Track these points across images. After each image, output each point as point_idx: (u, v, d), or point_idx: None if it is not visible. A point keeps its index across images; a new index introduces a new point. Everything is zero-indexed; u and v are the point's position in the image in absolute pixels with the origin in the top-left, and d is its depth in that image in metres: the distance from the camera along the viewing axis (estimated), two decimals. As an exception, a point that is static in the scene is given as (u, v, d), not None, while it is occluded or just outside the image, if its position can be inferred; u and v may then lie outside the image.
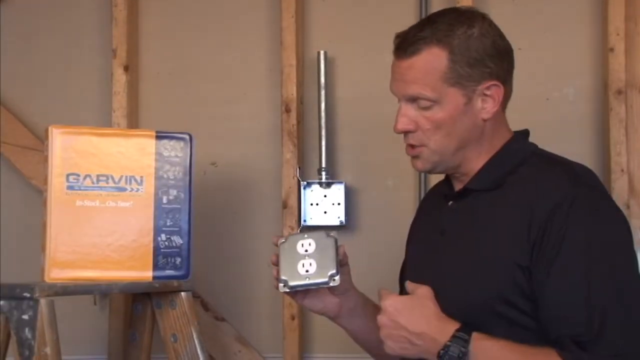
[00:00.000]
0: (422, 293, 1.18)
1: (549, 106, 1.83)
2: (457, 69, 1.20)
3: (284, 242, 1.26)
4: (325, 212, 1.85)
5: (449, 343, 1.12)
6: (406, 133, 1.25)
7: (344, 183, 1.86)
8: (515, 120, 1.30)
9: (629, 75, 1.76)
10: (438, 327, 1.14)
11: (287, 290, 1.23)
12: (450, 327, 1.14)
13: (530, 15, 1.85)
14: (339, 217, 1.86)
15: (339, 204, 1.85)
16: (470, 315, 1.17)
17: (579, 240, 1.13)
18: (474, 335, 1.13)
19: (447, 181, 1.33)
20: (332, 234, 1.26)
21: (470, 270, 1.20)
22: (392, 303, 1.17)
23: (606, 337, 1.09)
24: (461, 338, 1.13)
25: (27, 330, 1.29)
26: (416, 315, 1.16)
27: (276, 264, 1.26)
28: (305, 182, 1.86)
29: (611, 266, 1.13)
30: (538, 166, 1.22)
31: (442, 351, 1.13)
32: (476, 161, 1.25)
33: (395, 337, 1.15)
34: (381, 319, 1.16)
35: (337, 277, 1.22)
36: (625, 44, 1.76)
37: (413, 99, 1.22)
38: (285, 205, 1.86)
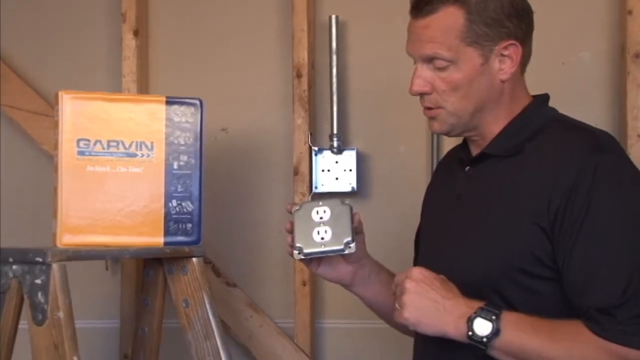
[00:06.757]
0: (443, 277, 1.17)
1: (565, 70, 1.80)
2: (474, 28, 1.18)
3: (298, 209, 1.25)
4: (336, 179, 1.85)
5: (479, 310, 1.11)
6: (422, 95, 1.23)
7: (355, 149, 1.85)
8: (530, 85, 1.28)
9: (647, 39, 1.73)
10: (466, 300, 1.14)
11: (302, 257, 1.23)
12: (478, 302, 1.13)
13: (546, -23, 1.82)
14: (350, 184, 1.85)
15: (350, 170, 1.84)
16: (485, 280, 1.17)
17: (604, 208, 1.12)
18: (504, 310, 1.12)
19: (464, 146, 1.31)
20: (347, 201, 1.26)
21: (486, 236, 1.19)
22: (421, 271, 1.16)
23: (631, 302, 1.09)
24: (492, 309, 1.11)
25: (40, 294, 1.29)
26: (446, 286, 1.15)
27: (290, 231, 1.26)
28: (316, 149, 1.85)
29: (638, 233, 1.12)
30: (558, 132, 1.20)
31: (473, 314, 1.11)
32: (494, 124, 1.23)
33: (421, 302, 1.13)
34: (408, 283, 1.14)
35: (352, 245, 1.22)
36: (645, 6, 1.73)
37: (429, 60, 1.21)
38: (296, 172, 1.85)
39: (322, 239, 1.22)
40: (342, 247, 1.21)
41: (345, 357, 1.90)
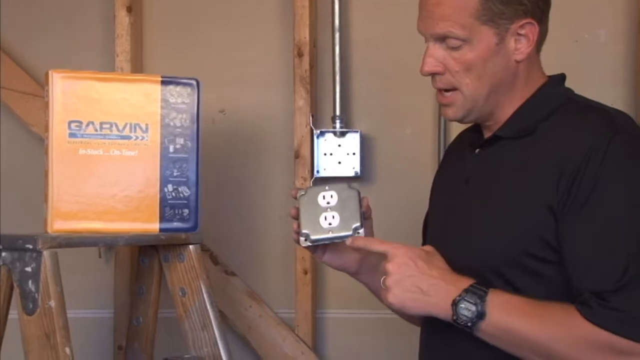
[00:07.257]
0: (429, 249, 1.17)
1: (578, 49, 1.78)
2: (489, 6, 1.15)
3: (303, 194, 1.23)
4: (339, 163, 1.83)
5: (464, 293, 1.10)
6: (434, 75, 1.20)
7: (359, 132, 1.83)
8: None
9: (665, 15, 1.73)
10: (452, 279, 1.13)
11: (309, 244, 1.21)
12: (465, 281, 1.12)
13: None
14: (353, 168, 1.83)
15: (353, 153, 1.83)
16: (491, 265, 1.15)
17: (611, 188, 1.09)
18: (491, 289, 1.10)
19: (475, 129, 1.28)
20: (353, 185, 1.24)
21: (493, 220, 1.17)
22: (404, 251, 1.15)
23: (627, 288, 1.06)
24: (478, 290, 1.10)
25: (30, 282, 1.28)
26: (431, 265, 1.14)
27: (296, 217, 1.23)
28: (318, 131, 1.83)
29: None
30: (572, 112, 1.18)
31: (457, 297, 1.10)
32: (509, 107, 1.21)
33: (404, 284, 1.12)
34: (391, 265, 1.13)
35: (361, 230, 1.20)
36: (663, -20, 1.72)
37: (442, 38, 1.18)
38: (297, 155, 1.83)
39: (330, 224, 1.20)
40: (350, 232, 1.19)
41: (348, 348, 1.89)
